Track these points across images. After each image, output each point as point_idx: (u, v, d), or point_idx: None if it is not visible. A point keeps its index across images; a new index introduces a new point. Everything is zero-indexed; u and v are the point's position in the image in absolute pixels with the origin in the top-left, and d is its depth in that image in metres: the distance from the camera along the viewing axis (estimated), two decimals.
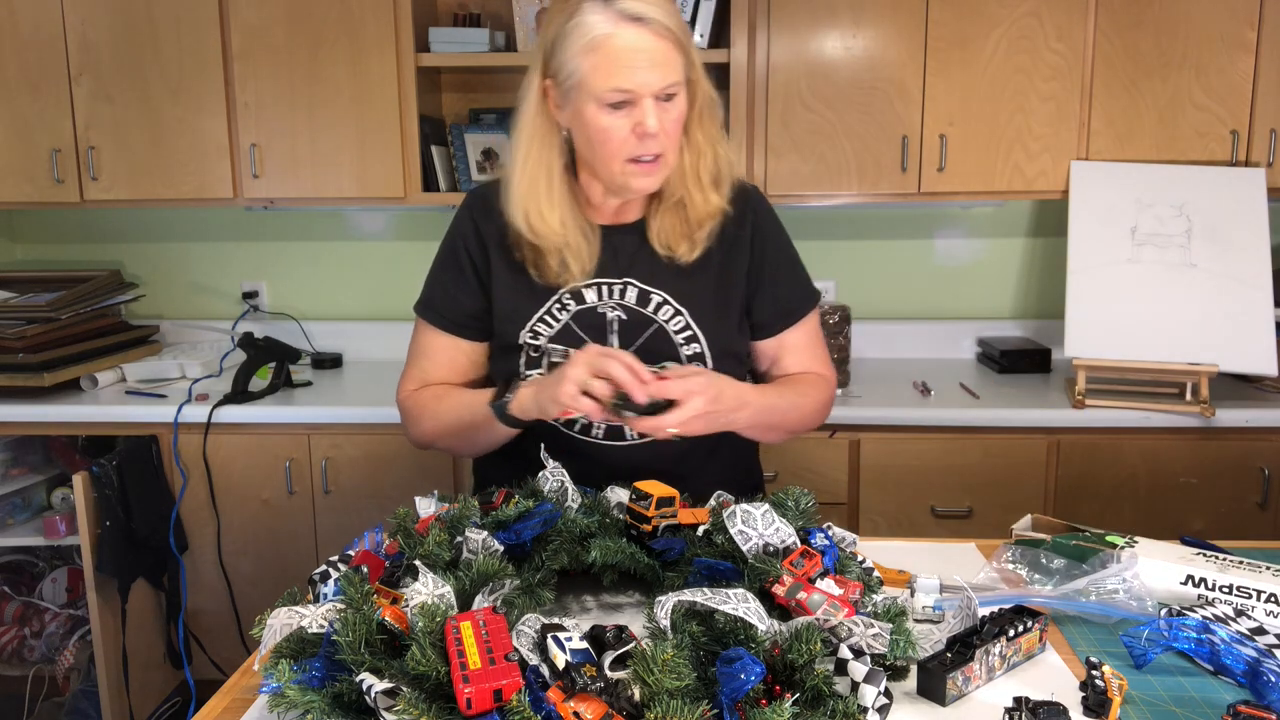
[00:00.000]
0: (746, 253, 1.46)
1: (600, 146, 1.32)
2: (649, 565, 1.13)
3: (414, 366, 1.56)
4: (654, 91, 1.27)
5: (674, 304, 1.43)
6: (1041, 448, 2.39)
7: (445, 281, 1.50)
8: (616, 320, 1.43)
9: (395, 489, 2.51)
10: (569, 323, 1.42)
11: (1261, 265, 2.44)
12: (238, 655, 2.58)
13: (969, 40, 2.53)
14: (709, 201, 1.40)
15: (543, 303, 1.43)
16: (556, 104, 1.36)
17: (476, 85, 2.92)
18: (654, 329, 1.42)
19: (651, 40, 1.26)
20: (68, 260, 3.13)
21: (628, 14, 1.25)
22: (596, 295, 1.43)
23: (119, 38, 2.63)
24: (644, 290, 1.43)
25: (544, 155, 1.37)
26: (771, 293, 1.49)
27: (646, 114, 1.27)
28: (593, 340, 1.41)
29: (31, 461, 2.77)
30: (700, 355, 1.43)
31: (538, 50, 1.37)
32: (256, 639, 0.97)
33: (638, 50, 1.26)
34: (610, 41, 1.26)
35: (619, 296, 1.43)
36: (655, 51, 1.26)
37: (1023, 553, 1.31)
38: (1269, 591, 1.14)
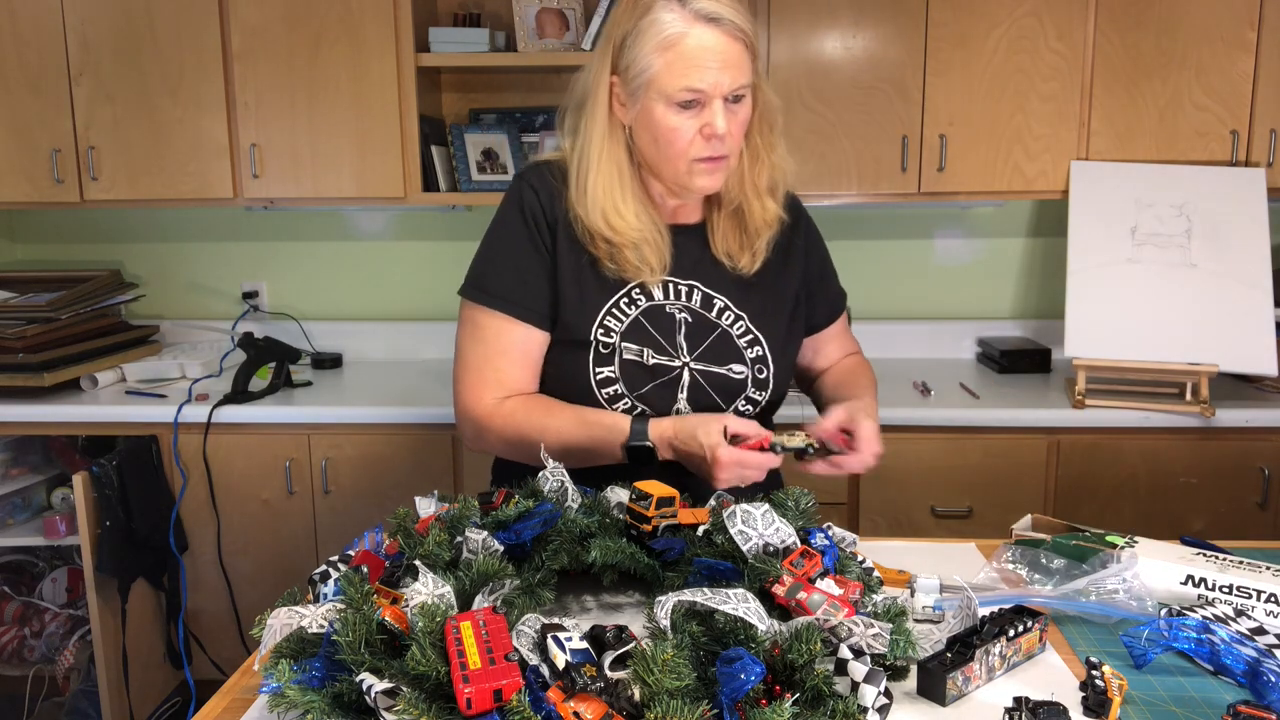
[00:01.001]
0: (800, 261, 1.52)
1: (667, 146, 1.32)
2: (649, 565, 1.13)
3: (487, 369, 1.41)
4: (724, 92, 1.28)
5: (735, 310, 1.44)
6: (1041, 448, 2.39)
7: (519, 266, 1.40)
8: (684, 322, 1.42)
9: (395, 489, 2.51)
10: (639, 318, 1.41)
11: (1261, 265, 2.44)
12: (238, 655, 2.58)
13: (969, 40, 2.53)
14: (766, 209, 1.42)
15: (611, 295, 1.40)
16: (621, 101, 1.35)
17: (476, 85, 2.92)
18: (718, 333, 1.43)
19: (725, 41, 1.27)
20: (68, 260, 3.13)
21: (703, 14, 1.26)
22: (663, 294, 1.42)
23: (119, 38, 2.63)
24: (708, 295, 1.44)
25: (615, 152, 1.36)
26: (822, 294, 1.58)
27: (716, 115, 1.28)
28: (662, 338, 1.40)
29: (31, 461, 2.77)
30: (763, 358, 1.45)
31: (605, 47, 1.35)
32: (256, 639, 0.96)
33: (711, 50, 1.26)
34: (684, 41, 1.26)
35: (685, 298, 1.43)
36: (728, 53, 1.27)
37: (1023, 553, 1.31)
38: (1269, 591, 1.14)
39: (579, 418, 1.37)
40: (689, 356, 1.42)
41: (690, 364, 1.41)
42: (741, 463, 1.27)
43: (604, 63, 1.35)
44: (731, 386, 1.43)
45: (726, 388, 1.43)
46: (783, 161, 1.43)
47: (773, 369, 1.46)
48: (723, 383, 1.42)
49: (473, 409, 1.41)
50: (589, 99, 1.37)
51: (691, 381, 1.41)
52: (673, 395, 1.41)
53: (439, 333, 3.02)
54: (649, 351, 1.40)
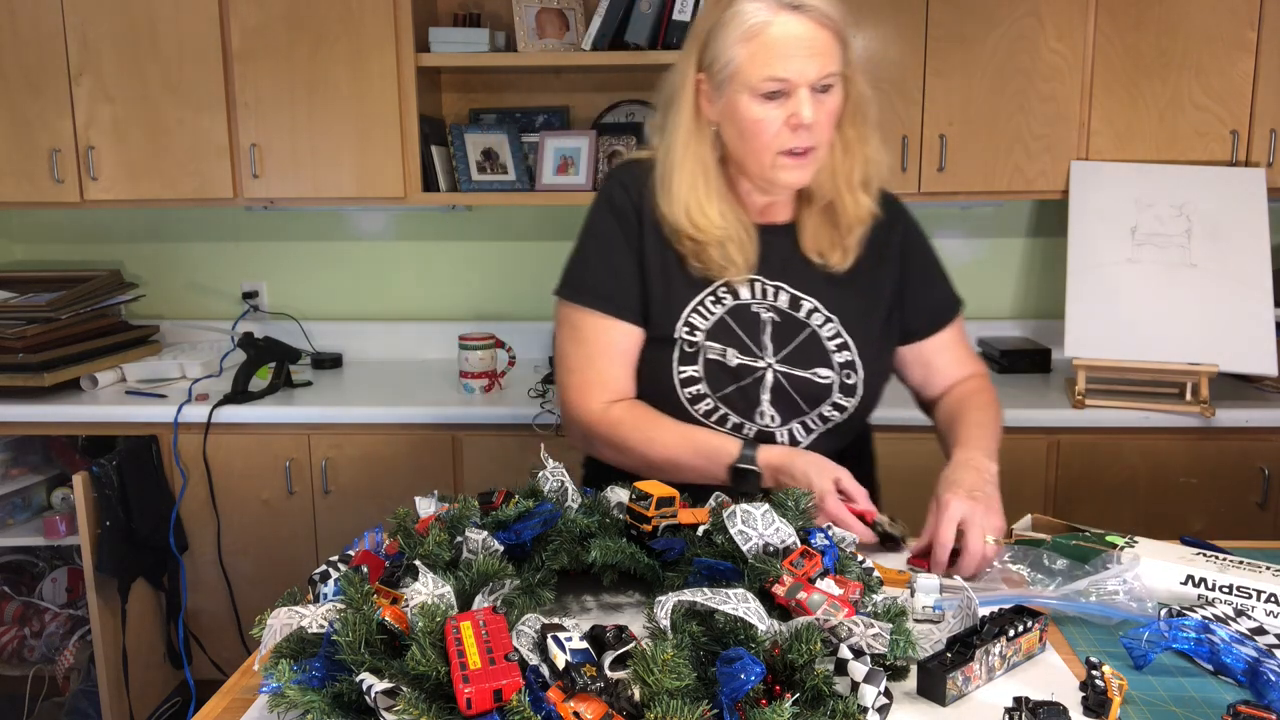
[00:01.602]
0: (896, 261, 1.46)
1: (752, 139, 1.30)
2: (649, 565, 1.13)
3: (590, 371, 1.40)
4: (810, 81, 1.25)
5: (825, 311, 1.40)
6: (1041, 448, 2.39)
7: (612, 263, 1.40)
8: (770, 322, 1.40)
9: (395, 489, 2.51)
10: (724, 317, 1.39)
11: (1261, 265, 2.44)
12: (238, 655, 2.58)
13: (969, 40, 2.53)
14: (859, 204, 1.38)
15: (698, 293, 1.39)
16: (708, 98, 1.33)
17: (476, 85, 2.92)
18: (807, 334, 1.40)
19: (811, 28, 1.24)
20: (68, 260, 3.13)
21: (787, 1, 1.24)
22: (750, 293, 1.40)
23: (119, 38, 2.62)
24: (795, 295, 1.40)
25: (700, 150, 1.35)
26: (925, 297, 1.49)
27: (802, 104, 1.25)
28: (747, 338, 1.39)
29: (31, 461, 2.77)
30: (851, 363, 1.41)
31: (691, 45, 1.34)
32: (256, 639, 0.96)
33: (796, 38, 1.24)
34: (768, 29, 1.24)
35: (773, 298, 1.40)
36: (814, 40, 1.24)
37: (1024, 553, 1.31)
38: (1269, 591, 1.14)
39: (685, 436, 1.37)
40: (774, 358, 1.39)
41: (775, 365, 1.39)
42: (839, 520, 1.26)
43: (689, 60, 1.33)
44: (816, 391, 1.40)
45: (811, 392, 1.40)
46: (877, 155, 1.38)
47: (862, 374, 1.41)
48: (808, 387, 1.39)
49: (580, 414, 1.41)
50: (675, 97, 1.35)
51: (775, 384, 1.39)
52: (755, 397, 1.39)
53: (439, 333, 3.02)
54: (732, 351, 1.38)
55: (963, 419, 1.44)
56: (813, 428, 1.43)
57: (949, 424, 1.47)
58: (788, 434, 1.42)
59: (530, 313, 3.03)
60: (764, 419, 1.40)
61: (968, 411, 1.46)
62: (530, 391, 2.64)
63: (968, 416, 1.45)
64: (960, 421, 1.44)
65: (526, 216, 3.02)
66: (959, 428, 1.43)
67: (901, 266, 1.47)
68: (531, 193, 2.72)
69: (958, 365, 1.54)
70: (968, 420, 1.44)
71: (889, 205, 1.45)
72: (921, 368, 1.53)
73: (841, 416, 1.42)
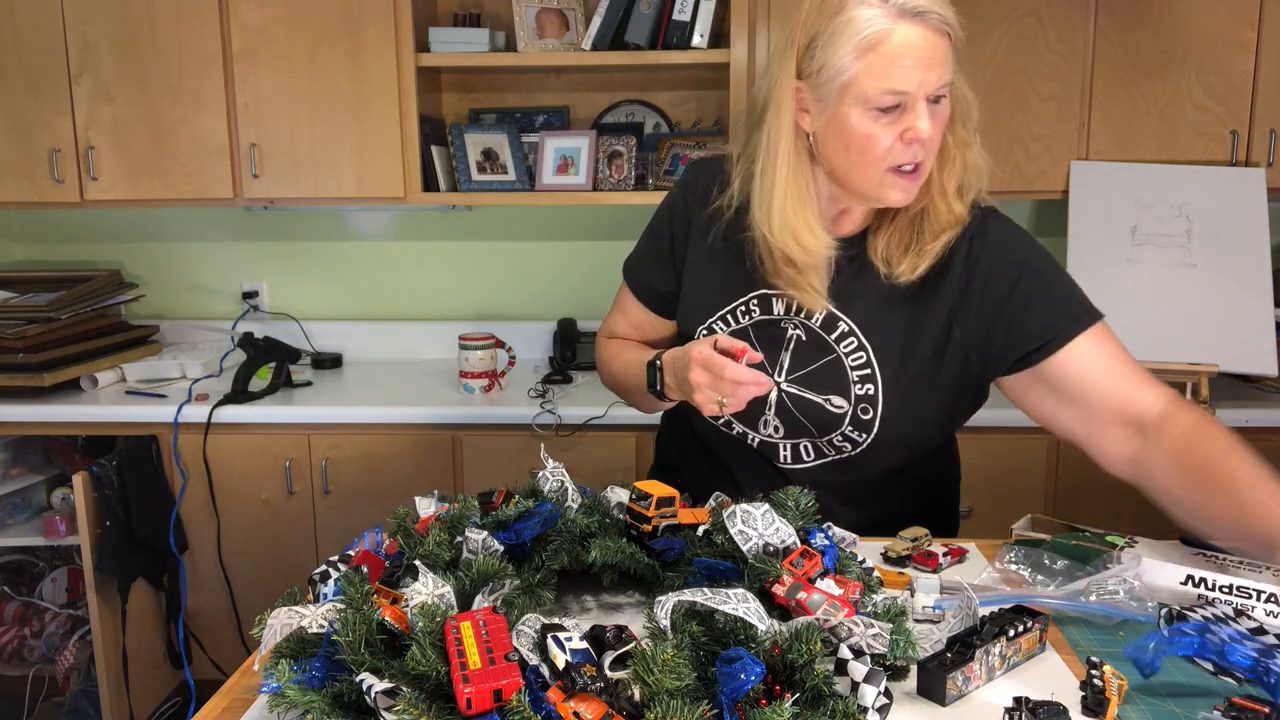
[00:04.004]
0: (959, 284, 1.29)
1: (861, 155, 1.20)
2: (649, 565, 1.13)
3: (611, 315, 1.57)
4: (929, 92, 1.17)
5: (860, 336, 1.31)
6: (1041, 448, 2.39)
7: (646, 251, 1.50)
8: (795, 339, 1.34)
9: (395, 489, 2.51)
10: (748, 329, 1.36)
11: (1261, 265, 2.44)
12: (238, 655, 2.58)
13: (969, 40, 2.50)
14: (951, 210, 1.27)
15: (730, 302, 1.37)
16: (804, 108, 1.24)
17: (476, 85, 2.92)
18: (830, 359, 1.32)
19: (931, 36, 1.16)
20: (68, 260, 3.13)
21: (907, 9, 1.15)
22: (784, 308, 1.34)
23: (119, 38, 2.62)
24: (833, 314, 1.31)
25: (801, 166, 1.25)
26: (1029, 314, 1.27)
27: (920, 117, 1.17)
28: (765, 355, 1.34)
29: (31, 461, 2.77)
30: (872, 397, 1.30)
31: (787, 51, 1.23)
32: (256, 639, 0.96)
33: (917, 48, 1.15)
34: (889, 39, 1.15)
35: (805, 315, 1.33)
36: (935, 49, 1.16)
37: (1025, 553, 1.30)
38: (1269, 591, 1.14)
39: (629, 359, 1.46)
40: (785, 376, 1.34)
41: (783, 384, 1.35)
42: (707, 361, 1.21)
43: (786, 68, 1.23)
44: (827, 419, 1.33)
45: (821, 419, 1.33)
46: (977, 160, 1.28)
47: (880, 411, 1.31)
48: (817, 412, 1.33)
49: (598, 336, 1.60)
50: (770, 107, 1.25)
51: (780, 401, 1.35)
52: (760, 411, 1.36)
53: (439, 333, 3.02)
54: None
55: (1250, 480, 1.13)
56: (826, 453, 1.37)
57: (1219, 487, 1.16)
58: (791, 449, 1.38)
59: (530, 313, 3.04)
60: (767, 429, 1.38)
61: (1240, 464, 1.14)
62: (530, 391, 2.64)
63: (1250, 472, 1.13)
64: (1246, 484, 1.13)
65: (527, 217, 3.02)
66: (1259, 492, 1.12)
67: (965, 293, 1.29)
68: (531, 193, 2.72)
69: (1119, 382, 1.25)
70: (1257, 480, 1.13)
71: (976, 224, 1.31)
72: (1053, 400, 1.28)
73: (853, 450, 1.35)
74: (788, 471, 1.40)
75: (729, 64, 2.54)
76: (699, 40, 2.57)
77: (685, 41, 2.56)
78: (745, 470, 1.44)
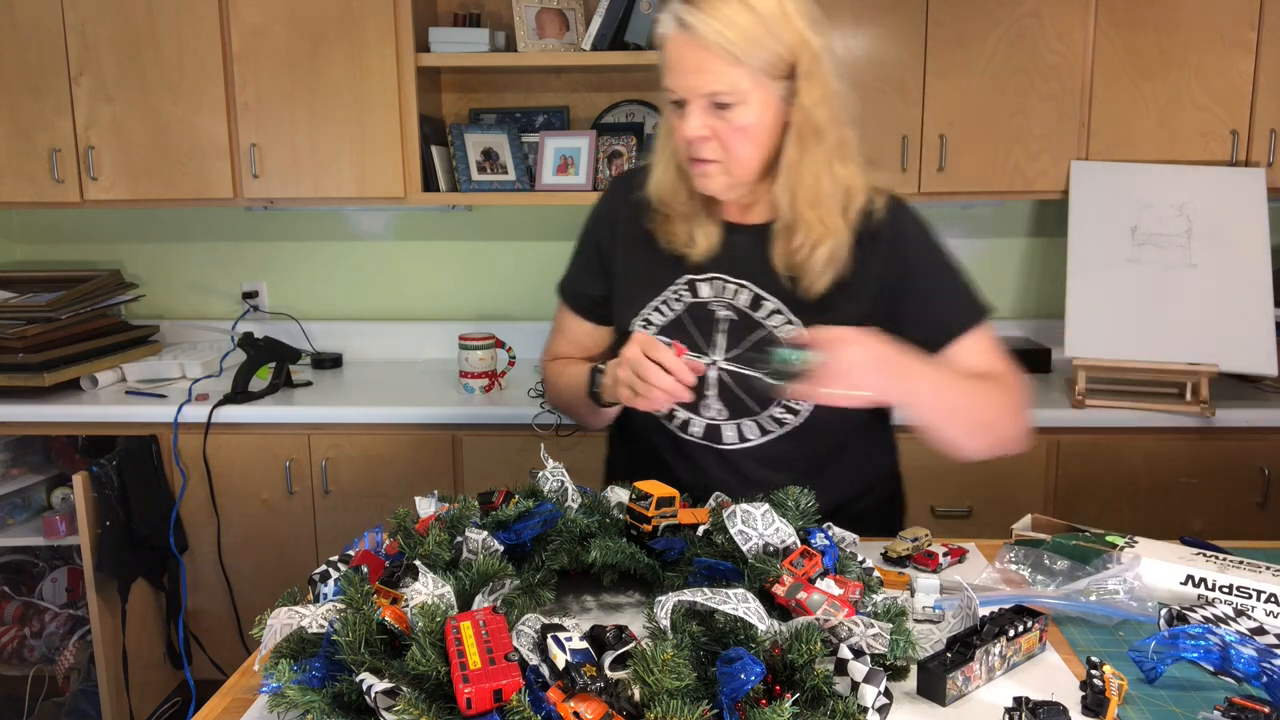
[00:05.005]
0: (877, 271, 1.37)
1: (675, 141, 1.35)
2: (649, 565, 1.13)
3: (551, 338, 1.63)
4: (697, 97, 1.27)
5: (787, 313, 1.38)
6: (1041, 448, 2.39)
7: (576, 266, 1.56)
8: (726, 320, 1.40)
9: (395, 489, 2.51)
10: (681, 315, 1.42)
11: (1261, 265, 2.44)
12: (238, 655, 2.58)
13: (969, 40, 2.53)
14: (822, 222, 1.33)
15: (659, 292, 1.43)
16: None
17: (476, 85, 2.92)
18: (761, 335, 1.38)
19: (694, 50, 1.25)
20: (68, 260, 3.13)
21: (679, 18, 1.27)
22: (711, 291, 1.41)
23: (119, 38, 2.62)
24: (758, 295, 1.39)
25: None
26: (928, 312, 1.39)
27: (686, 118, 1.29)
28: (700, 335, 1.40)
29: (31, 461, 2.77)
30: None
31: None
32: (256, 639, 0.97)
33: (680, 55, 1.27)
34: (666, 44, 1.29)
35: (732, 296, 1.40)
36: (698, 59, 1.25)
37: (1026, 553, 1.31)
38: (1269, 591, 1.14)
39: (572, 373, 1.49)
40: (722, 356, 1.40)
41: (720, 363, 1.40)
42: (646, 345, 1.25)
43: None
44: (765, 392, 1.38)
45: (760, 394, 1.38)
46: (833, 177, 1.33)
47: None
48: (757, 388, 1.38)
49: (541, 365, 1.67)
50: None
51: (720, 381, 1.40)
52: (700, 392, 1.39)
53: (439, 333, 3.02)
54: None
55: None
56: (768, 429, 1.41)
57: None
58: (736, 430, 1.42)
59: (530, 313, 3.03)
60: (710, 412, 1.41)
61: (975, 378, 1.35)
62: (530, 391, 2.63)
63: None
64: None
65: (526, 216, 3.02)
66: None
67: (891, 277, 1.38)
68: (531, 193, 2.72)
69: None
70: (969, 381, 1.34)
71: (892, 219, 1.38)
72: None
73: (795, 420, 1.40)
74: (734, 454, 1.43)
75: None
76: None
77: None
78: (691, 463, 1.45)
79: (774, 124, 1.30)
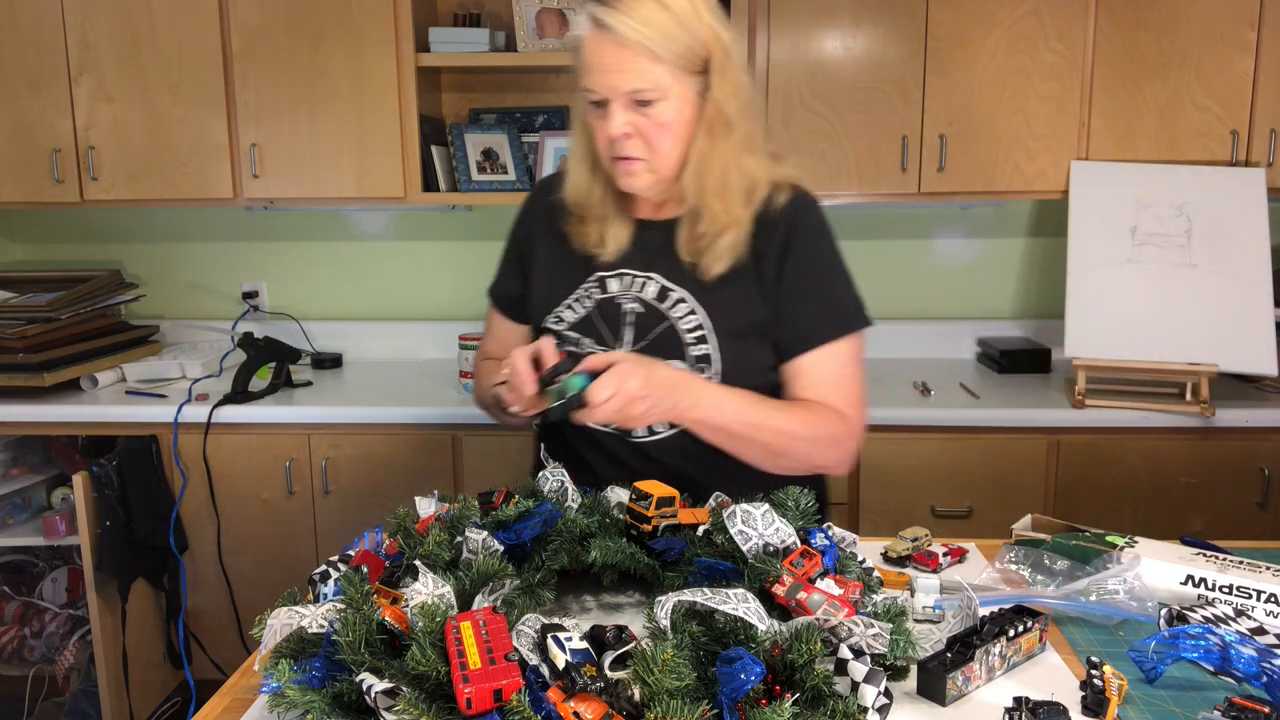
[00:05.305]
0: (775, 266, 1.41)
1: (595, 141, 1.38)
2: (649, 565, 1.13)
3: (483, 339, 1.67)
4: (620, 96, 1.30)
5: (692, 302, 1.41)
6: (1041, 448, 2.39)
7: (502, 268, 1.60)
8: (632, 313, 1.43)
9: (395, 489, 2.51)
10: (592, 312, 1.44)
11: (1261, 265, 2.44)
12: (238, 655, 2.58)
13: (969, 40, 2.53)
14: (715, 210, 1.37)
15: (571, 290, 1.46)
16: None
17: (476, 85, 2.92)
18: (665, 326, 1.41)
19: (615, 49, 1.28)
20: (68, 260, 3.13)
21: (598, 21, 1.28)
22: (619, 286, 1.44)
23: (119, 38, 2.63)
24: (665, 287, 1.42)
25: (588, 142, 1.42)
26: (794, 313, 1.40)
27: (609, 117, 1.32)
28: (608, 329, 1.43)
29: (31, 461, 2.77)
30: (707, 357, 1.39)
31: None
32: (256, 639, 0.96)
33: (600, 55, 1.29)
34: (584, 45, 1.31)
35: (639, 289, 1.43)
36: (619, 58, 1.28)
37: (1026, 554, 1.31)
38: (1269, 591, 1.14)
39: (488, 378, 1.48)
40: (628, 349, 1.41)
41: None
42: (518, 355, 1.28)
43: None
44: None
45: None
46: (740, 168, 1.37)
47: (718, 369, 1.39)
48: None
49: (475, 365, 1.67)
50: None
51: None
52: None
53: (439, 333, 3.02)
54: (588, 342, 1.43)
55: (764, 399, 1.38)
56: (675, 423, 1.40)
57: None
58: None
59: None
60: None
61: (781, 402, 1.40)
62: None
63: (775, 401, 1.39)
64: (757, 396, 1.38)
65: None
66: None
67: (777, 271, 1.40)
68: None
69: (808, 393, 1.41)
70: (766, 399, 1.38)
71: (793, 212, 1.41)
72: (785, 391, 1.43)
73: None
74: (646, 446, 1.44)
75: None
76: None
77: None
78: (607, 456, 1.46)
79: (692, 119, 1.34)
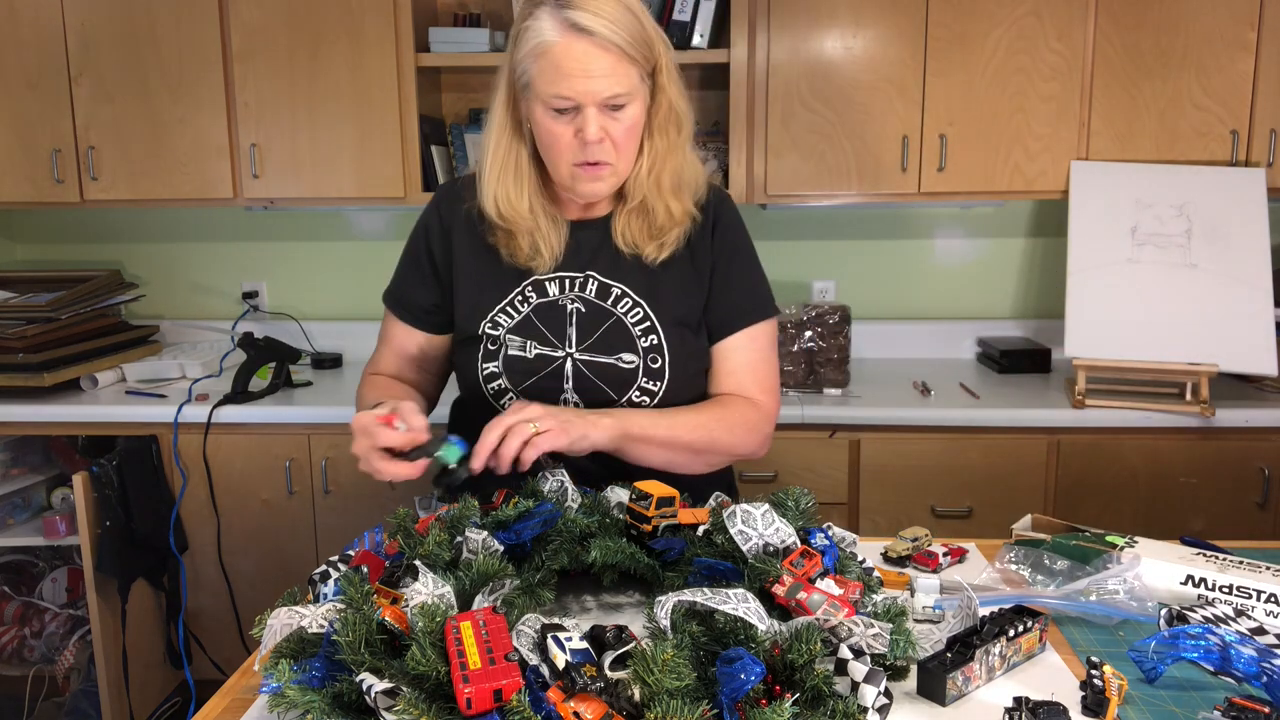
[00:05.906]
0: (709, 256, 1.45)
1: (549, 149, 1.34)
2: (649, 565, 1.13)
3: (376, 351, 1.61)
4: (597, 101, 1.28)
5: (634, 296, 1.42)
6: (1041, 448, 2.39)
7: (405, 274, 1.55)
8: (575, 313, 1.43)
9: (395, 489, 2.51)
10: (530, 315, 1.43)
11: (1261, 265, 2.44)
12: (238, 655, 2.58)
13: (969, 40, 2.53)
14: (671, 209, 1.40)
15: (506, 294, 1.44)
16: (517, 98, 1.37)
17: (476, 85, 2.92)
18: (612, 321, 1.42)
19: (596, 53, 1.26)
20: (68, 260, 3.13)
21: (574, 24, 1.25)
22: (558, 289, 1.44)
23: (119, 38, 2.63)
24: (605, 284, 1.43)
25: (513, 144, 1.39)
26: (723, 298, 1.46)
27: (588, 122, 1.29)
28: (550, 333, 1.42)
29: (31, 461, 2.77)
30: (658, 346, 1.41)
31: (508, 46, 1.37)
32: (256, 639, 0.96)
33: (580, 61, 1.26)
34: (554, 50, 1.26)
35: (580, 289, 1.43)
36: (600, 62, 1.26)
37: (1026, 554, 1.31)
38: (1269, 591, 1.14)
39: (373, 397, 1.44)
40: (575, 347, 1.42)
41: (574, 354, 1.42)
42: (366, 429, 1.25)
43: (506, 62, 1.36)
44: (622, 376, 1.41)
45: (617, 377, 1.41)
46: (688, 165, 1.41)
47: (668, 358, 1.41)
48: (612, 372, 1.41)
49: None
50: (494, 92, 1.39)
51: (576, 372, 1.41)
52: (558, 387, 1.42)
53: None
54: (532, 344, 1.42)
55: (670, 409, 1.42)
56: None
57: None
58: None
59: None
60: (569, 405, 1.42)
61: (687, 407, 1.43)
62: None
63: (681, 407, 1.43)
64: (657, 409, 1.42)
65: None
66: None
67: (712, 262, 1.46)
68: None
69: (729, 377, 1.48)
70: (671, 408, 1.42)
71: (714, 203, 1.47)
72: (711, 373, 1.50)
73: (652, 401, 1.43)
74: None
75: (729, 64, 2.55)
76: (699, 40, 2.57)
77: (685, 41, 2.56)
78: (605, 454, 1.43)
79: (644, 119, 1.35)
